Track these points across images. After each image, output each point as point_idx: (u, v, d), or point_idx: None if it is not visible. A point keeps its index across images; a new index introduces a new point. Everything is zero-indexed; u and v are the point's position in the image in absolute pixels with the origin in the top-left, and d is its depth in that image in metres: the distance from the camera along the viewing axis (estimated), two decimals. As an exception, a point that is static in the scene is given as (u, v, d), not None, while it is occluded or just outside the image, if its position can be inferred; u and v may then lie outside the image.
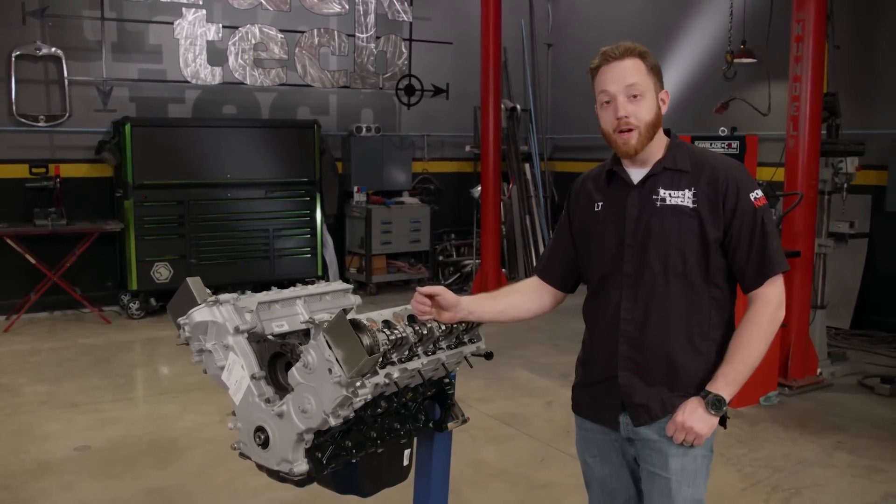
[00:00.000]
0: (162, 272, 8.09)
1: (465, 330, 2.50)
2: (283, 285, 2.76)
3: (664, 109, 2.30)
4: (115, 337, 7.40)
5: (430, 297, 2.33)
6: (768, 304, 2.25)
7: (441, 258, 10.15)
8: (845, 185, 6.14)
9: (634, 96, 2.22)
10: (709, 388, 2.22)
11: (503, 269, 9.51)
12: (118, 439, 4.88)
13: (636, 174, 2.32)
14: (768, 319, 2.24)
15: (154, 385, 6.16)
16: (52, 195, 7.94)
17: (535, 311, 2.56)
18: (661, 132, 2.32)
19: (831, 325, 7.01)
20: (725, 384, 2.21)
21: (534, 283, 2.57)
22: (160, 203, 8.10)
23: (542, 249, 10.41)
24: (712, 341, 2.27)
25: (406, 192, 9.91)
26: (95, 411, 5.38)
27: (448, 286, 9.39)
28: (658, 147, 2.31)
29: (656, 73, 2.27)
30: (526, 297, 2.55)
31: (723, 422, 2.36)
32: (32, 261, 7.70)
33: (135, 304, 8.04)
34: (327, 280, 8.89)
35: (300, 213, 8.92)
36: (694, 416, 2.21)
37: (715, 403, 2.20)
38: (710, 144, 5.74)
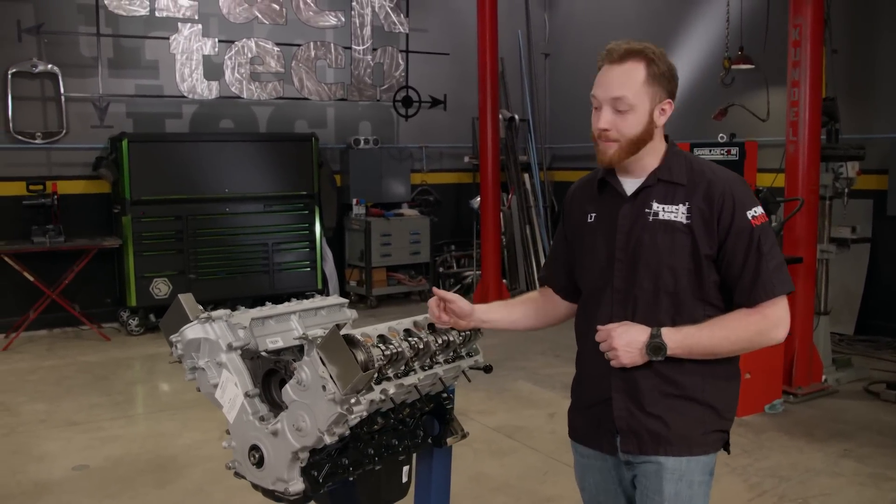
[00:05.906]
0: (161, 288, 8.05)
1: (463, 343, 2.45)
2: (282, 299, 2.72)
3: (663, 120, 2.17)
4: (114, 354, 7.36)
5: (445, 302, 2.31)
6: (765, 318, 2.12)
7: (441, 270, 10.10)
8: (846, 190, 6.10)
9: (621, 110, 2.12)
10: (664, 333, 2.08)
11: (504, 280, 9.47)
12: (117, 458, 4.83)
13: (629, 185, 2.22)
14: (757, 329, 2.12)
15: (153, 402, 6.11)
16: (49, 212, 7.90)
17: (549, 321, 2.51)
18: (657, 141, 2.19)
19: (835, 331, 6.96)
20: (680, 340, 2.08)
21: (543, 292, 2.52)
22: (158, 218, 8.07)
23: (542, 259, 10.38)
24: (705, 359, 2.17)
25: (405, 204, 9.88)
26: (94, 430, 5.33)
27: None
28: (652, 156, 2.19)
29: (660, 80, 2.13)
30: (539, 306, 2.50)
31: (726, 447, 2.29)
32: (31, 278, 7.67)
33: (134, 320, 8.01)
34: (327, 294, 8.89)
35: (299, 227, 8.89)
36: (624, 340, 2.08)
37: (654, 349, 2.08)
38: (710, 151, 5.72)
